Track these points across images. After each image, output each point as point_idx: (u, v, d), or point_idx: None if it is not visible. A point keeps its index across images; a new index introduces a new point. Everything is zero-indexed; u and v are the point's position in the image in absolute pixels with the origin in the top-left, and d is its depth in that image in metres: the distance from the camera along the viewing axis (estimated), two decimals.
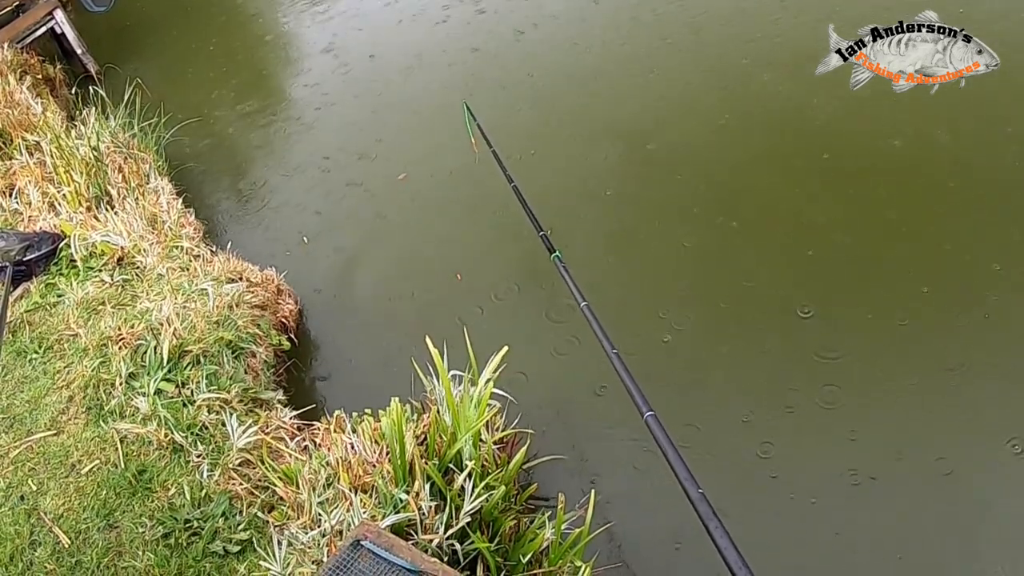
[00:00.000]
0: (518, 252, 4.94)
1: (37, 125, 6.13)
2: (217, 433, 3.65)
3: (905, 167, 4.78)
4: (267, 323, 4.61)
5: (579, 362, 4.21)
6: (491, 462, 3.43)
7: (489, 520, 3.20)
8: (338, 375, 4.66)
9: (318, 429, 3.77)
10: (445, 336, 3.73)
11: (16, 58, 7.74)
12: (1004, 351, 3.75)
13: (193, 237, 5.27)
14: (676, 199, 5.03)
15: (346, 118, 6.96)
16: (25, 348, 4.16)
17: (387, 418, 3.33)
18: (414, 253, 5.32)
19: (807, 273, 4.36)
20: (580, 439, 3.90)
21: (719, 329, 4.20)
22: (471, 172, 5.48)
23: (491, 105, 6.22)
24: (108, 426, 3.65)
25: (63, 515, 3.32)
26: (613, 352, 2.56)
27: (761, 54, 5.95)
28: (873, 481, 3.42)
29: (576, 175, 5.47)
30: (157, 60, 8.73)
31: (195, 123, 7.11)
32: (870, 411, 3.66)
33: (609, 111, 5.95)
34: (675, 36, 6.49)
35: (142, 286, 4.58)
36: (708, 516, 1.78)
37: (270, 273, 5.02)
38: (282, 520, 3.25)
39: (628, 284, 4.62)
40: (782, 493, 3.46)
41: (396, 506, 3.10)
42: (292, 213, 6.05)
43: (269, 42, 8.64)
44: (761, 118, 5.45)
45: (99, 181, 5.43)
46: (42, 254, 4.74)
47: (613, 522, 3.46)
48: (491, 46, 7.21)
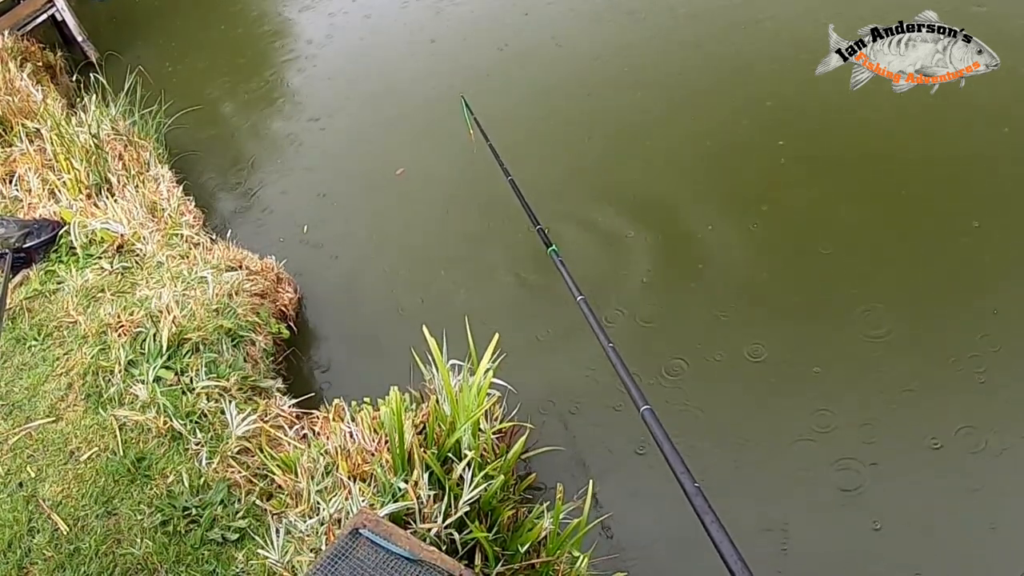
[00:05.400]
0: (517, 243, 4.92)
1: (37, 112, 6.12)
2: (216, 421, 3.64)
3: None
4: (266, 311, 4.60)
5: (577, 353, 4.20)
6: (490, 451, 3.43)
7: (487, 510, 3.19)
8: (337, 364, 4.65)
9: (317, 417, 3.77)
10: (445, 325, 3.72)
11: (16, 45, 7.73)
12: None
13: (193, 225, 5.26)
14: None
15: (347, 107, 6.93)
16: (24, 335, 4.16)
17: (386, 407, 3.32)
18: (414, 243, 5.30)
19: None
20: (578, 429, 3.89)
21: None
22: (469, 165, 5.45)
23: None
24: (107, 413, 3.65)
25: (62, 502, 3.32)
26: (610, 346, 2.54)
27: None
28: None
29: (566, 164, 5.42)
30: (158, 48, 8.70)
31: (196, 111, 7.07)
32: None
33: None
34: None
35: (142, 274, 4.57)
36: (704, 510, 1.76)
37: (270, 261, 5.01)
38: (280, 508, 3.24)
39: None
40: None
41: (395, 495, 3.09)
42: (292, 201, 6.03)
43: (270, 30, 8.59)
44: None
45: (99, 169, 5.42)
46: (42, 241, 4.73)
47: (611, 513, 3.45)
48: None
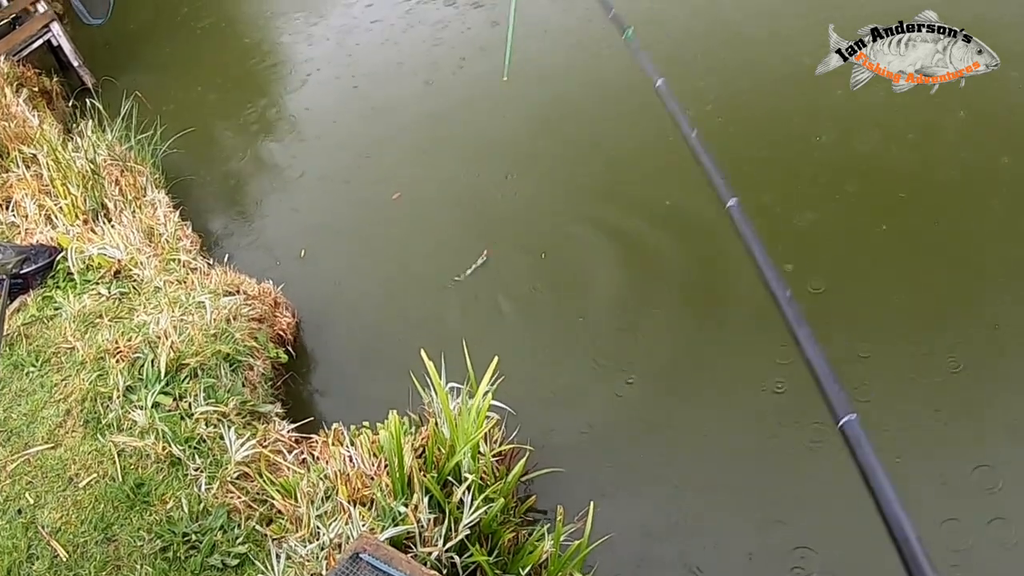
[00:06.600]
0: (514, 264, 4.96)
1: (34, 137, 6.13)
2: (215, 446, 3.65)
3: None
4: (265, 336, 4.61)
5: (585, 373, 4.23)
6: (490, 474, 3.44)
7: (488, 532, 3.21)
8: (336, 387, 4.66)
9: (316, 442, 3.78)
10: (444, 348, 3.74)
11: (12, 70, 7.74)
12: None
13: (190, 250, 5.28)
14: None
15: (344, 130, 6.98)
16: (22, 361, 4.15)
17: (385, 431, 3.33)
18: (413, 266, 5.33)
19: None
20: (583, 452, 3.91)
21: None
22: (466, 184, 5.49)
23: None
24: (106, 439, 3.65)
25: (61, 528, 3.31)
26: (693, 134, 2.29)
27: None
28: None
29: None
30: (154, 72, 8.73)
31: (192, 135, 7.10)
32: None
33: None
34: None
35: (139, 299, 4.58)
36: (797, 321, 1.60)
37: (267, 285, 5.02)
38: (281, 533, 3.25)
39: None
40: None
41: (395, 519, 3.11)
42: (290, 225, 6.05)
43: (266, 54, 8.65)
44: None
45: (96, 194, 5.44)
46: (39, 267, 4.74)
47: (612, 534, 3.46)
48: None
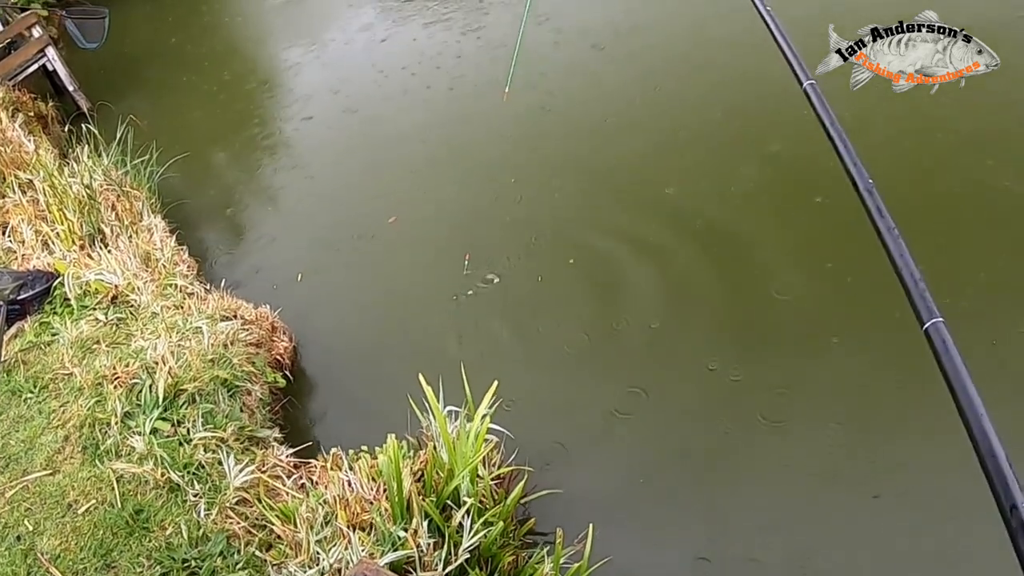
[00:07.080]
0: (513, 286, 5.01)
1: (30, 163, 6.16)
2: (214, 472, 3.65)
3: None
4: (262, 360, 4.63)
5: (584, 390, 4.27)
6: (489, 497, 3.46)
7: (488, 556, 3.23)
8: (334, 412, 4.68)
9: (315, 467, 3.79)
10: (441, 372, 3.77)
11: (8, 95, 7.78)
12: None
13: (187, 275, 5.31)
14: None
15: (340, 153, 7.04)
16: (20, 387, 4.16)
17: (384, 455, 3.36)
18: (409, 289, 5.37)
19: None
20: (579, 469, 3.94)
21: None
22: (457, 209, 5.54)
23: None
24: (104, 465, 3.65)
25: (60, 555, 3.30)
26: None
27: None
28: None
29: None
30: (149, 97, 8.79)
31: (188, 159, 7.13)
32: None
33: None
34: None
35: (136, 324, 4.59)
36: (878, 212, 1.51)
37: (264, 310, 5.05)
38: (280, 559, 3.25)
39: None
40: None
41: (394, 543, 3.12)
42: (286, 249, 6.09)
43: (262, 79, 8.73)
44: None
45: (92, 219, 5.48)
46: (36, 293, 4.76)
47: (611, 556, 3.48)
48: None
